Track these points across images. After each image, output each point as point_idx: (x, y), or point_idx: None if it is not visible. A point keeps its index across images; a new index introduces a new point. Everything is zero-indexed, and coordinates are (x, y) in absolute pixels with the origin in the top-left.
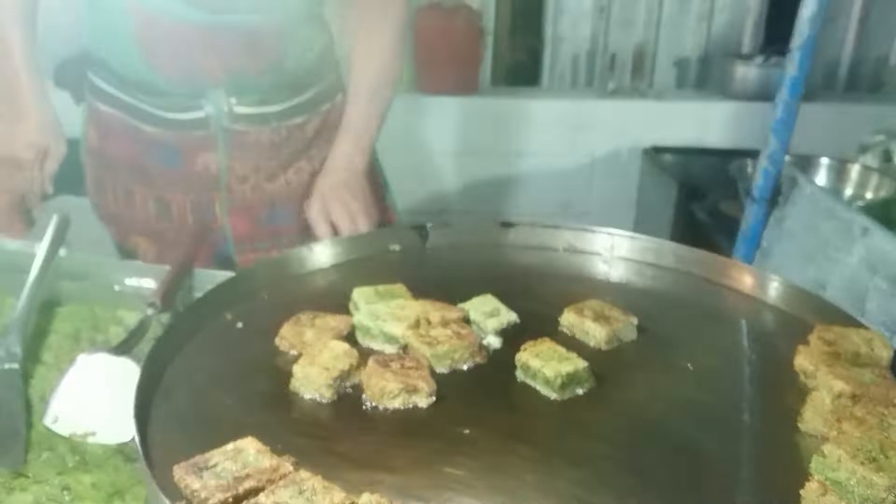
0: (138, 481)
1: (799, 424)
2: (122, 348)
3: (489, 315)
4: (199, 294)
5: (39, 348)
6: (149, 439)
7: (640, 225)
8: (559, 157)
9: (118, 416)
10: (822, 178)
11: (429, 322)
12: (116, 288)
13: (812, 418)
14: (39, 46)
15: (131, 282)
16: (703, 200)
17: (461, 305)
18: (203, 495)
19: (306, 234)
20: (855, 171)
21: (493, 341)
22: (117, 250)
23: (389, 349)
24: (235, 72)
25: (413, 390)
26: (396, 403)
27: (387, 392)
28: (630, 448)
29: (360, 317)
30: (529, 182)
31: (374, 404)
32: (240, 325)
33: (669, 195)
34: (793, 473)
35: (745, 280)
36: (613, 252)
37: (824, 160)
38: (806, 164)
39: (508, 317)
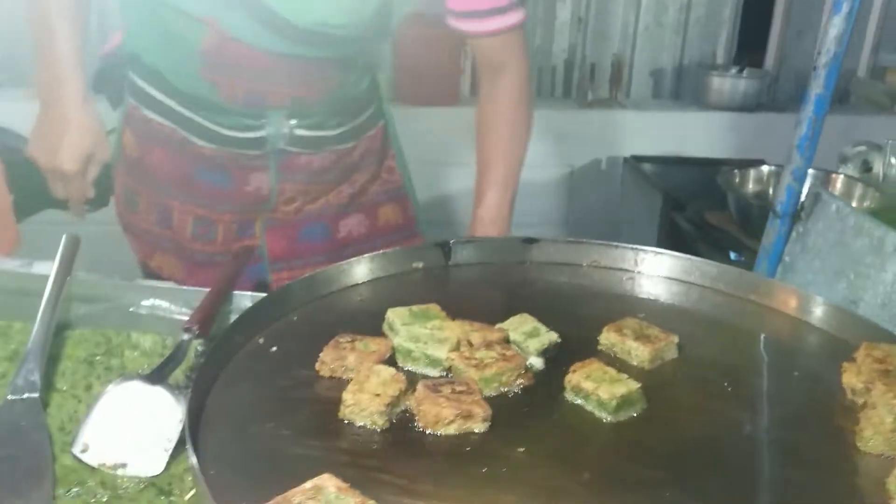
0: None
1: (858, 444)
2: (156, 377)
3: (530, 335)
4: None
5: (53, 375)
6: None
7: (624, 236)
8: (539, 168)
9: (150, 448)
10: (806, 188)
11: (470, 344)
12: (131, 310)
13: (873, 437)
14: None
15: (147, 303)
16: (685, 210)
17: (499, 326)
18: None
19: (338, 252)
20: (840, 181)
21: (536, 362)
22: (140, 267)
23: (432, 372)
24: (299, 97)
25: (468, 416)
26: (451, 430)
27: (442, 419)
28: (687, 472)
29: (401, 340)
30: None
31: (426, 430)
32: (273, 349)
33: (652, 205)
34: (862, 495)
35: (777, 297)
36: (638, 268)
37: (810, 171)
38: None
39: (549, 336)
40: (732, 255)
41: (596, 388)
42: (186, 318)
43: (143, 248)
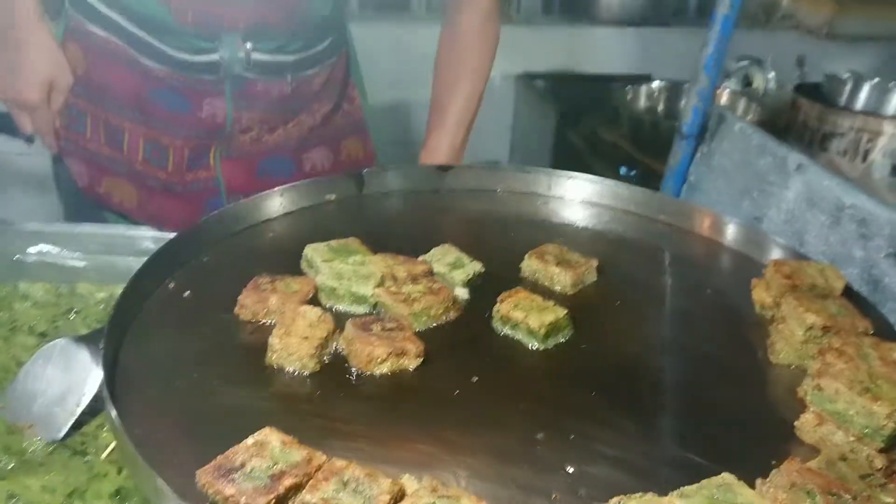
0: (96, 476)
1: (770, 357)
2: (92, 336)
3: (454, 266)
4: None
5: None
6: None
7: (517, 153)
8: (428, 87)
9: (59, 411)
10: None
11: (395, 278)
12: (16, 258)
13: (783, 350)
14: None
15: (34, 250)
16: (578, 126)
17: (423, 258)
18: (243, 501)
19: None
20: (725, 95)
21: (462, 293)
22: (84, 195)
23: (359, 310)
24: (255, 18)
25: (401, 353)
26: (385, 369)
27: (375, 358)
28: (615, 392)
29: (323, 278)
30: (402, 113)
31: (359, 371)
32: (187, 294)
33: (546, 122)
34: (776, 404)
35: (686, 216)
36: (552, 192)
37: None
38: (677, 89)
39: (473, 267)
40: (623, 170)
41: (525, 317)
42: (80, 263)
43: (91, 172)
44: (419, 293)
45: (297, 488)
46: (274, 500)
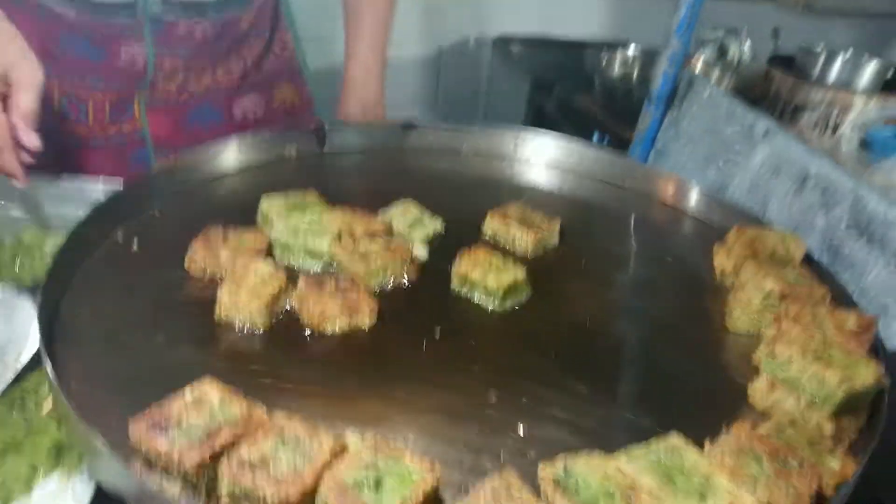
0: (34, 431)
1: (727, 324)
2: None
3: (413, 224)
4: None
5: None
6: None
7: (489, 119)
8: (406, 46)
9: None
10: None
11: (352, 235)
12: None
13: (740, 318)
14: None
15: None
16: (552, 93)
17: (382, 215)
18: (176, 458)
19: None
20: (699, 65)
21: (420, 252)
22: None
23: (314, 266)
24: None
25: (354, 311)
26: (337, 327)
27: (327, 316)
28: (571, 357)
29: (278, 233)
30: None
31: (311, 330)
32: (135, 247)
33: (520, 88)
34: (730, 370)
35: (651, 182)
36: (518, 153)
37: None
38: (653, 56)
39: (434, 225)
40: (596, 135)
41: (483, 277)
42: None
43: None
44: (376, 251)
45: (234, 444)
46: (209, 456)
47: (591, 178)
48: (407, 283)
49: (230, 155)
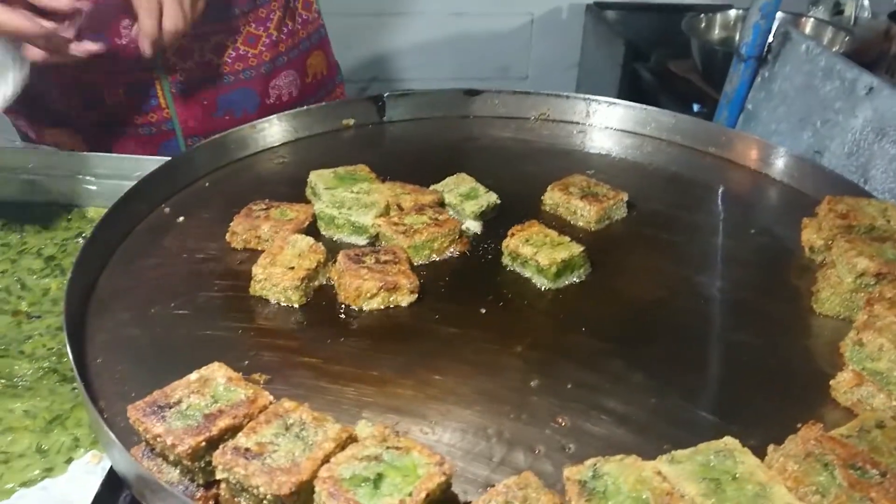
0: (80, 404)
1: (814, 306)
2: None
3: (466, 197)
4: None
5: None
6: (89, 367)
7: (583, 88)
8: (497, 16)
9: None
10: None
11: (400, 208)
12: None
13: (829, 298)
14: None
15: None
16: (648, 60)
17: (434, 187)
18: (169, 441)
19: None
20: (809, 24)
21: (473, 226)
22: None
23: (358, 241)
24: None
25: (393, 288)
26: (375, 304)
27: (364, 292)
28: (635, 342)
29: (322, 205)
30: (464, 45)
31: (349, 306)
32: (181, 219)
33: (614, 55)
34: (814, 359)
35: (737, 148)
36: (590, 120)
37: (778, 14)
38: None
39: (488, 198)
40: (696, 107)
41: (535, 254)
42: (92, 187)
43: (31, 127)
44: (422, 224)
45: (234, 430)
46: (204, 442)
47: (671, 146)
48: (455, 260)
49: (284, 127)
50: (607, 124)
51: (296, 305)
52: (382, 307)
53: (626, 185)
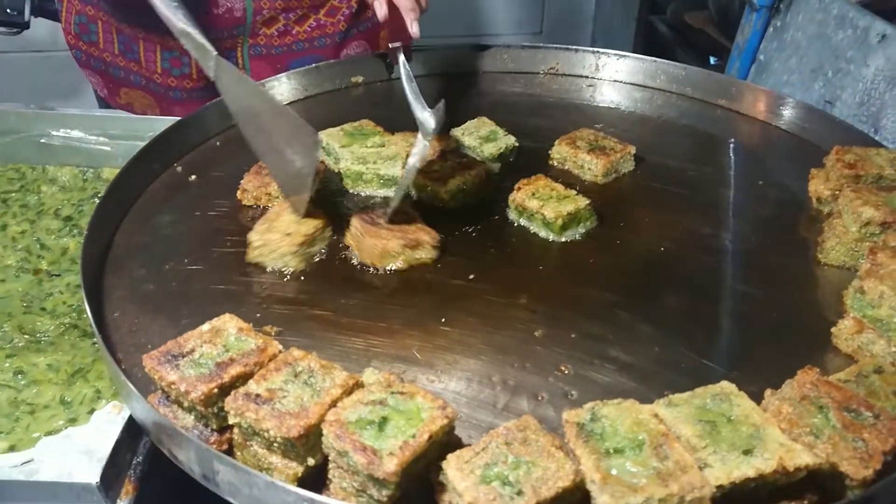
0: (101, 359)
1: (819, 255)
2: None
3: (486, 139)
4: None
5: None
6: (106, 321)
7: (598, 42)
8: None
9: None
10: None
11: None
12: (43, 141)
13: (834, 248)
14: None
15: (59, 133)
16: (664, 13)
17: (454, 131)
18: (183, 388)
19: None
20: None
21: (493, 167)
22: (102, 108)
23: (388, 193)
24: None
25: (416, 245)
26: (399, 264)
27: (389, 252)
28: (641, 293)
29: (347, 163)
30: (476, 1)
31: (362, 265)
32: (193, 177)
33: (629, 8)
34: (818, 309)
35: (747, 100)
36: (599, 73)
37: None
38: None
39: (507, 140)
40: (712, 60)
41: (541, 207)
42: (107, 147)
43: (107, 84)
44: (451, 169)
45: (245, 377)
46: (217, 389)
47: (681, 99)
48: (463, 211)
49: (293, 85)
50: (617, 77)
51: (293, 270)
52: (406, 266)
53: (634, 138)
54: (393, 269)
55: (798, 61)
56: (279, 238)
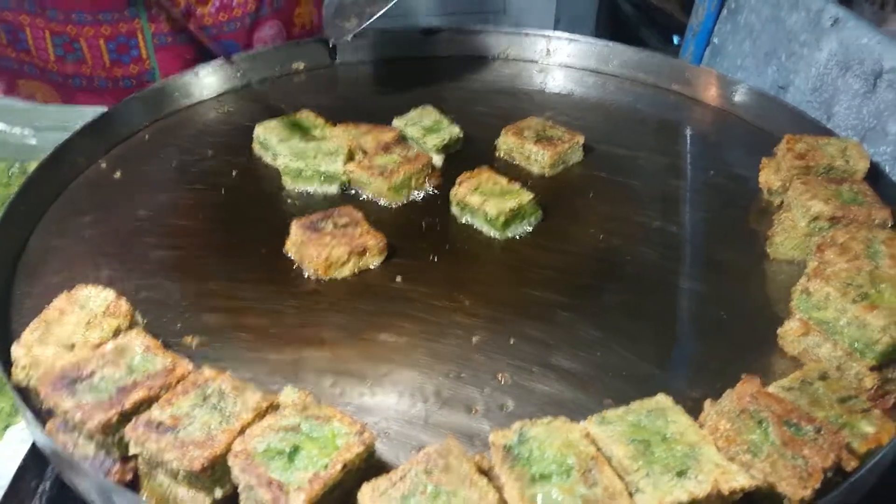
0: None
1: (768, 250)
2: None
3: (429, 130)
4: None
5: None
6: (13, 334)
7: (561, 23)
8: None
9: None
10: None
11: (364, 150)
12: None
13: (783, 243)
14: None
15: None
16: None
17: (396, 120)
18: (78, 417)
19: None
20: None
21: (436, 160)
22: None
23: (329, 190)
24: None
25: (362, 251)
26: (346, 272)
27: (335, 260)
28: (586, 293)
29: (286, 159)
30: None
31: (315, 277)
32: (118, 174)
33: None
34: (767, 307)
35: (700, 85)
36: (550, 58)
37: None
38: None
39: (451, 131)
40: (675, 40)
41: (483, 203)
42: (32, 141)
43: (3, 80)
44: (395, 163)
45: (150, 401)
46: (117, 416)
47: (634, 85)
48: (406, 206)
49: (230, 72)
50: (568, 63)
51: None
52: (356, 273)
53: (585, 126)
54: (341, 277)
55: (752, 44)
56: (55, 354)
